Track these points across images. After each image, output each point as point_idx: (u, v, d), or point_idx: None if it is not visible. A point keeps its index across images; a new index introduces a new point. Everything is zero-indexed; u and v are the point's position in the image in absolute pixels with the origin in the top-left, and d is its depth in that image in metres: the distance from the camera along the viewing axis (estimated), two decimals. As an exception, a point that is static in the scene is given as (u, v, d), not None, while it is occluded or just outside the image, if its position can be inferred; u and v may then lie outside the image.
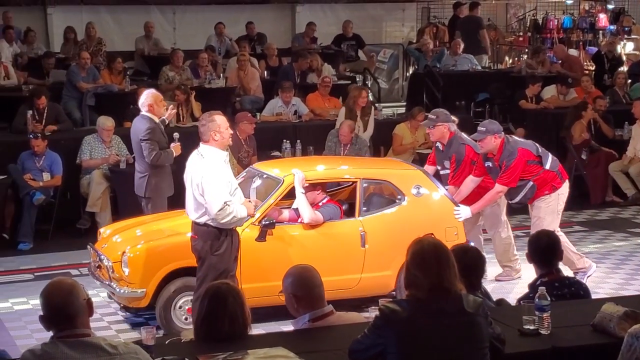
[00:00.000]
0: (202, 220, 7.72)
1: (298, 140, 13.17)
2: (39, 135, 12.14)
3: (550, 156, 9.61)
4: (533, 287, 5.99)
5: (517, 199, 9.56)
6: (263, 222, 8.46)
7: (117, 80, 15.35)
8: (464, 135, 9.96)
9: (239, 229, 7.97)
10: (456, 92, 16.57)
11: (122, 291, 8.40)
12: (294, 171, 8.84)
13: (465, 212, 9.22)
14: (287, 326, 6.00)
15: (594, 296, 6.52)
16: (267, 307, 8.28)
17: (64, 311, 4.22)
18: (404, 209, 9.14)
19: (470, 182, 9.60)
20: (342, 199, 9.56)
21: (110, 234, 9.27)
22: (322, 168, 9.54)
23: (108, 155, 12.24)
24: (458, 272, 4.58)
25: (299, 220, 8.86)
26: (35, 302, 9.23)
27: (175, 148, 9.95)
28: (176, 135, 10.13)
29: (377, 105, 15.41)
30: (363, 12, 20.68)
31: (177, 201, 10.14)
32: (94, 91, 14.75)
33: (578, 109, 14.20)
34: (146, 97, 9.90)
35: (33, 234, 11.78)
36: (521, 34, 22.86)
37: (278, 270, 8.15)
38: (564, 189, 9.64)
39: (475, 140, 9.55)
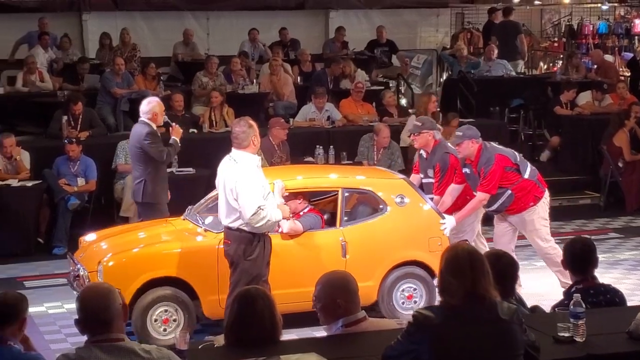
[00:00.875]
0: (235, 225, 7.74)
1: (331, 146, 13.17)
2: (74, 140, 12.23)
3: (529, 165, 9.50)
4: (568, 294, 5.94)
5: (494, 207, 9.43)
6: None
7: (151, 86, 15.43)
8: (448, 144, 9.82)
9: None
10: (490, 98, 16.50)
11: None
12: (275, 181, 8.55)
13: (450, 222, 9.15)
14: (320, 332, 5.99)
15: (629, 303, 6.45)
16: (299, 313, 8.25)
17: (99, 315, 4.24)
18: (387, 218, 9.05)
19: (454, 191, 9.50)
20: (327, 209, 9.44)
21: (90, 243, 9.19)
22: (303, 177, 9.37)
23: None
24: (492, 279, 4.55)
25: (279, 230, 8.56)
26: (70, 307, 9.33)
27: (176, 131, 9.91)
28: (165, 118, 10.03)
29: (410, 111, 15.38)
30: (397, 18, 20.63)
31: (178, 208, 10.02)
32: (128, 97, 14.83)
33: (620, 117, 14.05)
34: (152, 105, 9.81)
35: (68, 238, 11.85)
36: (556, 39, 22.74)
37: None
38: (546, 198, 9.52)
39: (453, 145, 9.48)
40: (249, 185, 7.59)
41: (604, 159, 14.19)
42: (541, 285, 9.85)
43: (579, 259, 6.12)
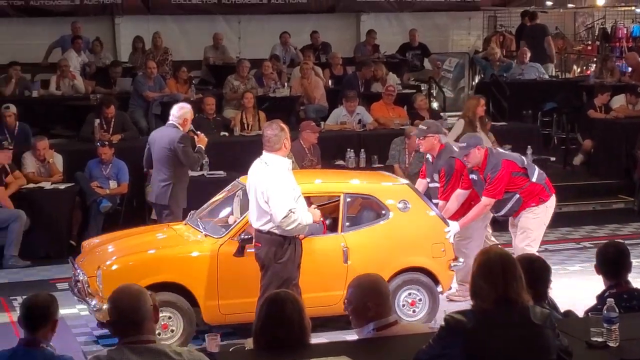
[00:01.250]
0: (266, 228, 7.73)
1: (362, 150, 13.15)
2: (106, 143, 12.29)
3: (536, 169, 9.45)
4: (601, 298, 5.88)
5: (503, 212, 9.41)
6: (241, 237, 8.24)
7: (183, 89, 15.49)
8: (454, 148, 9.72)
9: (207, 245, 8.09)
10: (523, 101, 16.39)
11: (96, 306, 8.12)
12: None
13: (454, 228, 9.08)
14: (351, 335, 5.97)
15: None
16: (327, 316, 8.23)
17: (131, 316, 4.25)
18: (389, 224, 8.93)
19: (459, 196, 9.43)
20: (329, 214, 9.26)
21: (91, 248, 9.18)
22: (305, 182, 8.86)
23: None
24: (525, 283, 4.52)
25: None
26: (101, 308, 9.33)
27: (202, 140, 10.07)
28: (190, 126, 10.10)
29: (442, 114, 15.32)
30: (429, 21, 20.58)
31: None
32: (160, 100, 14.90)
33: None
34: (184, 111, 9.91)
35: (100, 241, 11.91)
36: (589, 42, 22.59)
37: (256, 286, 8.00)
38: (551, 202, 9.45)
39: (460, 157, 9.39)
40: (280, 188, 7.59)
41: (637, 163, 14.06)
42: (574, 290, 9.77)
43: (612, 263, 6.06)
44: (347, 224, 8.88)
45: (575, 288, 9.80)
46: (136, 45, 17.75)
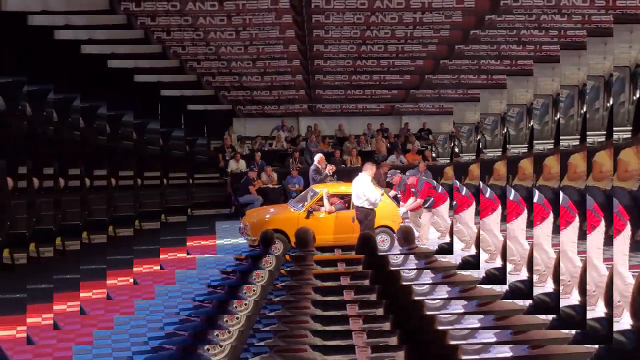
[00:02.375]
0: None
1: None
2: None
3: None
4: None
5: None
6: (309, 210, 15.28)
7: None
8: None
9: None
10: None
11: (247, 238, 15.51)
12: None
13: None
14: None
15: None
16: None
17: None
18: None
19: None
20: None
21: (249, 213, 16.55)
22: (343, 187, 15.83)
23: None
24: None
25: (322, 209, 15.52)
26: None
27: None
28: None
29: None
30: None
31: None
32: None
33: None
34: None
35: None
36: None
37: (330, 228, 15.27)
38: None
39: None
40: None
41: None
42: None
43: None
44: None
45: None
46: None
